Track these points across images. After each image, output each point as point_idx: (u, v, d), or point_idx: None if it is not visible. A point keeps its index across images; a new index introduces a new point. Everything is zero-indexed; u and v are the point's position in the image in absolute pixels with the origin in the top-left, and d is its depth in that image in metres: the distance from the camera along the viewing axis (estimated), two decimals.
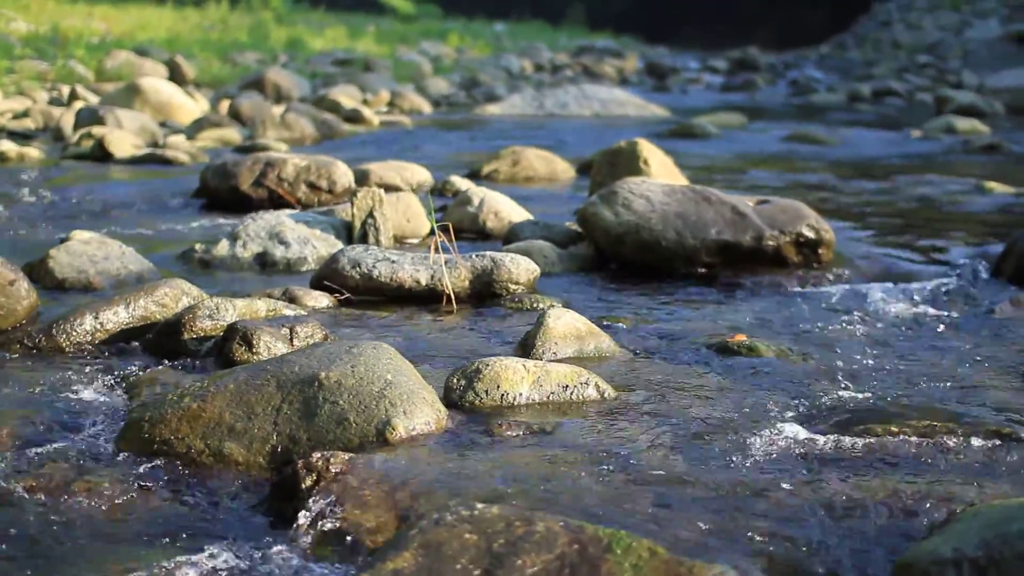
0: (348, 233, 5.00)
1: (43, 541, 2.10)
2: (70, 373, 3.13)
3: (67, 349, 3.37)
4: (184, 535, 2.15)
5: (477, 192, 5.73)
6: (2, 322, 3.50)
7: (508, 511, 1.93)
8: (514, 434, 2.63)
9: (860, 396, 2.99)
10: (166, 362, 3.28)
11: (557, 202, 6.68)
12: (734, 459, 2.50)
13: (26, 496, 2.30)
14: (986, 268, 4.71)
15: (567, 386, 2.92)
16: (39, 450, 2.56)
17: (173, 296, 3.67)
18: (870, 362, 3.37)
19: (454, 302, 4.00)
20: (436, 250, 4.08)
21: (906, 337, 3.71)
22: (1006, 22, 29.57)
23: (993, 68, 22.89)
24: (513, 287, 4.09)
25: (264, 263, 4.79)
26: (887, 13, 38.42)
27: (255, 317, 3.56)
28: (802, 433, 2.67)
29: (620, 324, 3.80)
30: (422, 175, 7.04)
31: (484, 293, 4.08)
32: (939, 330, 3.80)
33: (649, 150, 6.15)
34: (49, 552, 2.06)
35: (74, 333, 3.42)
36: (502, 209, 5.57)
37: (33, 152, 8.64)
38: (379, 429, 2.53)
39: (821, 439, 2.63)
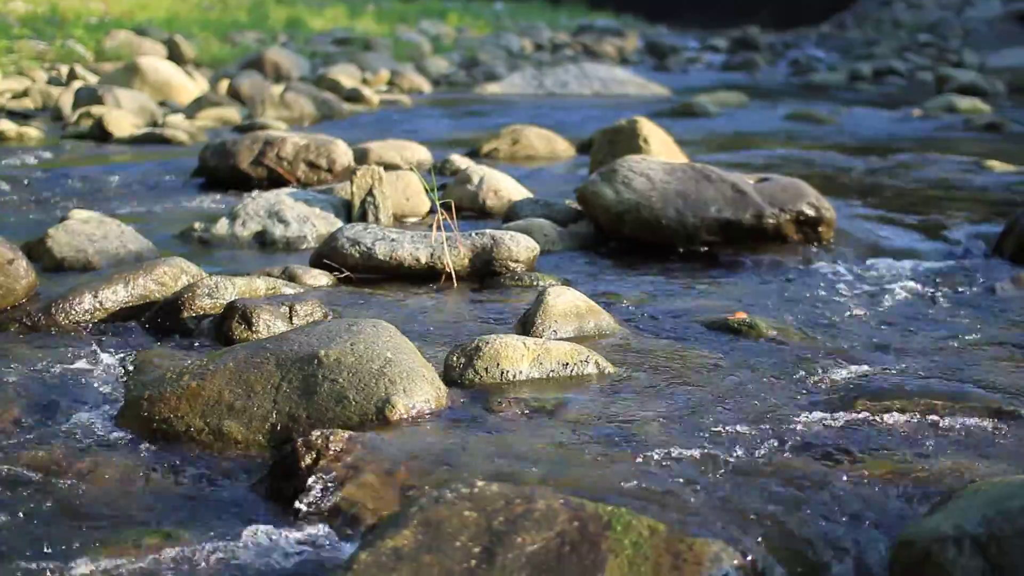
0: (348, 211, 4.99)
1: (42, 520, 2.10)
2: (69, 352, 3.13)
3: (66, 328, 3.37)
4: (183, 513, 2.15)
5: (477, 170, 5.72)
6: (1, 301, 3.49)
7: (508, 489, 1.93)
8: (514, 412, 2.63)
9: (860, 374, 2.99)
10: (165, 341, 3.27)
11: (557, 180, 6.67)
12: (734, 437, 2.49)
13: (25, 475, 2.30)
14: (987, 246, 4.70)
15: (567, 364, 2.92)
16: (38, 429, 2.55)
17: (172, 275, 3.66)
18: (870, 340, 3.36)
19: (454, 280, 3.99)
20: (436, 228, 4.07)
21: (906, 315, 3.70)
22: (1007, 1, 29.49)
23: (994, 47, 22.85)
24: (513, 265, 4.08)
25: (263, 242, 4.78)
26: None
27: (254, 295, 3.55)
28: (802, 411, 2.66)
29: (620, 302, 3.79)
30: (422, 154, 7.04)
31: (484, 271, 4.08)
32: (939, 308, 3.79)
33: (649, 128, 6.14)
34: (47, 531, 2.05)
35: (73, 312, 3.41)
36: (502, 187, 5.56)
37: (32, 132, 8.63)
38: (379, 407, 2.53)
39: (821, 417, 2.62)
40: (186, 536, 2.02)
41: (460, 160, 6.88)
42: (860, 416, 2.63)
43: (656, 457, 2.33)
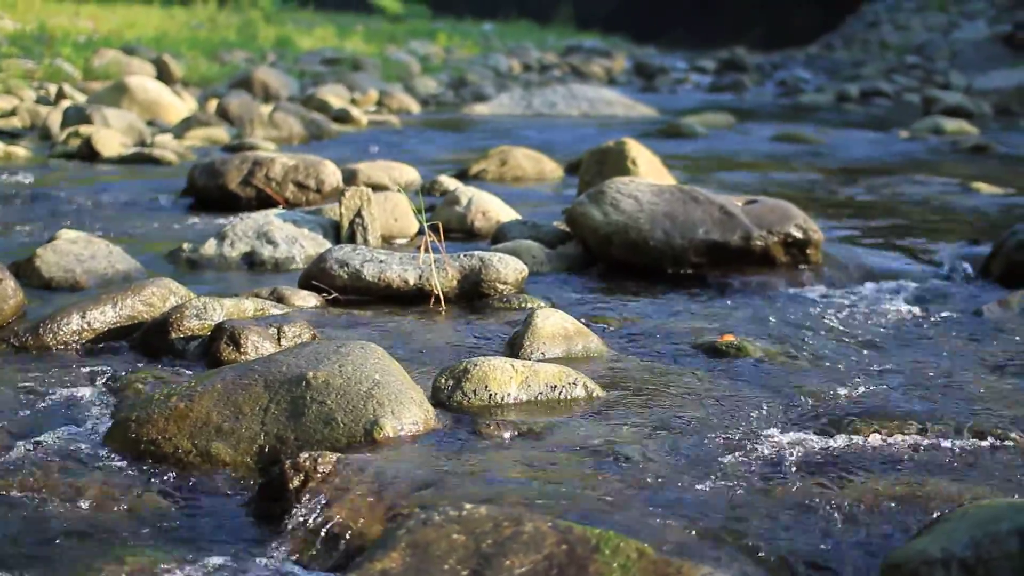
0: (336, 232, 4.99)
1: (29, 542, 2.09)
2: (57, 373, 3.12)
3: (54, 348, 3.36)
4: (171, 536, 2.15)
5: (465, 192, 5.73)
6: None
7: (496, 511, 1.93)
8: (502, 434, 2.63)
9: (848, 397, 2.99)
10: (153, 362, 3.27)
11: (545, 202, 6.68)
12: (722, 460, 2.50)
13: (12, 496, 2.29)
14: (974, 268, 4.71)
15: (555, 386, 2.92)
16: (25, 450, 2.55)
17: (160, 295, 3.66)
18: (858, 363, 3.37)
19: (442, 302, 3.99)
20: (424, 250, 4.07)
21: (894, 338, 3.71)
22: (993, 23, 29.65)
23: (981, 69, 22.94)
24: (501, 287, 4.08)
25: (252, 262, 4.77)
26: (875, 14, 38.49)
27: (243, 317, 3.55)
28: (790, 434, 2.67)
29: (608, 324, 3.80)
30: (410, 175, 7.03)
31: (472, 293, 4.08)
32: (927, 331, 3.81)
33: (637, 150, 6.16)
34: (34, 553, 2.05)
35: (61, 332, 3.40)
36: (490, 209, 5.56)
37: (20, 151, 8.61)
38: (367, 429, 2.53)
39: (809, 439, 2.63)
40: (173, 558, 2.02)
41: (448, 181, 6.89)
42: (847, 439, 2.64)
43: (644, 480, 2.34)
